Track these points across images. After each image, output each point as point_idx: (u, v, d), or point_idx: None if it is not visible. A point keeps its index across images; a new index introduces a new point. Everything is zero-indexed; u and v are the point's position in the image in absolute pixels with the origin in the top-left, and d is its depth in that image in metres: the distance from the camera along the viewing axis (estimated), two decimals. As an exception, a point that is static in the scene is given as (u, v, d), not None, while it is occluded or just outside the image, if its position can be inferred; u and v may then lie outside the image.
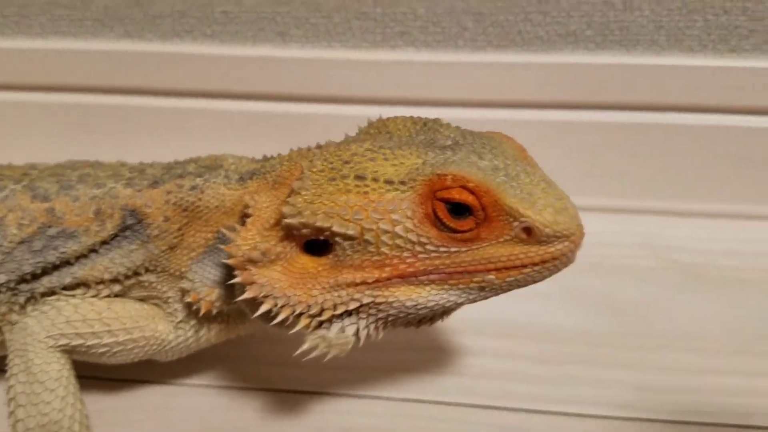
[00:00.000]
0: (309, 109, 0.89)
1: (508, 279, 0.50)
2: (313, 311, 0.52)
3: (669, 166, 0.88)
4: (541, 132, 0.88)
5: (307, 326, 0.52)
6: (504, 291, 0.52)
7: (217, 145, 0.74)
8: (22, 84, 0.94)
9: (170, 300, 0.60)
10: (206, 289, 0.58)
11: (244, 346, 0.70)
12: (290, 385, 0.67)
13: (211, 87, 0.91)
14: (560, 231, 0.48)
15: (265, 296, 0.52)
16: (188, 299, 0.58)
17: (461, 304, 0.52)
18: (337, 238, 0.51)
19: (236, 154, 0.64)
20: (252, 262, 0.52)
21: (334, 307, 0.51)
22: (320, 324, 0.52)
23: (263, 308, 0.52)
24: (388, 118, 0.59)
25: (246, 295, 0.52)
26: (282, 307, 0.52)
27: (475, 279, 0.50)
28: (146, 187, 0.58)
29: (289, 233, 0.52)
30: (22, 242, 0.58)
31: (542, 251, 0.49)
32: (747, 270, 0.80)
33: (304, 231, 0.51)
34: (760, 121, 0.84)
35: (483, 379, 0.67)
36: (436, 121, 0.57)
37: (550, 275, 0.51)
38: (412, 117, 0.58)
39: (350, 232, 0.50)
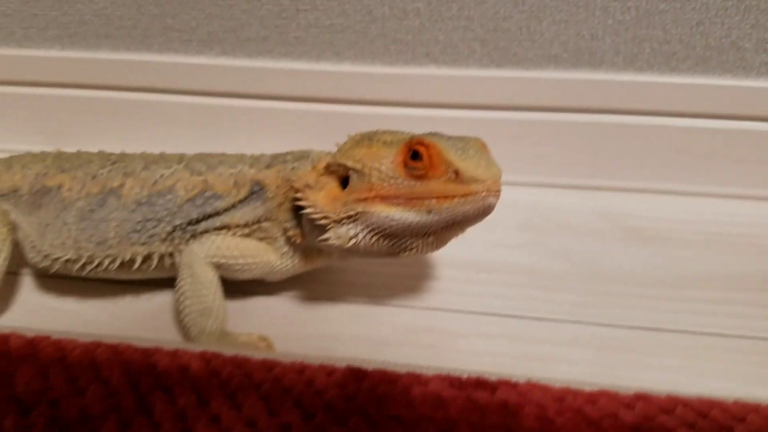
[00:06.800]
0: (348, 109, 1.01)
1: (444, 205, 0.63)
2: (332, 216, 0.67)
3: (622, 153, 0.97)
4: (527, 129, 0.98)
5: (329, 223, 0.67)
6: (444, 222, 0.64)
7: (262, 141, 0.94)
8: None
9: (278, 239, 0.73)
10: (297, 230, 0.72)
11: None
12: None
13: (291, 92, 1.02)
14: (476, 176, 0.62)
15: (311, 206, 0.67)
16: (289, 234, 0.72)
17: (417, 222, 0.64)
18: (350, 172, 0.67)
19: (321, 150, 0.75)
20: (309, 186, 0.68)
21: (343, 213, 0.66)
22: (338, 223, 0.67)
23: (308, 210, 0.68)
24: None
25: (302, 202, 0.68)
26: (317, 212, 0.67)
27: (424, 204, 0.64)
28: (263, 168, 0.73)
29: (329, 171, 0.69)
30: (188, 200, 0.71)
31: (464, 187, 0.62)
32: (675, 231, 0.90)
33: (335, 167, 0.68)
34: (691, 122, 0.95)
35: (479, 297, 0.79)
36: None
37: (472, 210, 0.63)
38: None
39: (357, 166, 0.66)
